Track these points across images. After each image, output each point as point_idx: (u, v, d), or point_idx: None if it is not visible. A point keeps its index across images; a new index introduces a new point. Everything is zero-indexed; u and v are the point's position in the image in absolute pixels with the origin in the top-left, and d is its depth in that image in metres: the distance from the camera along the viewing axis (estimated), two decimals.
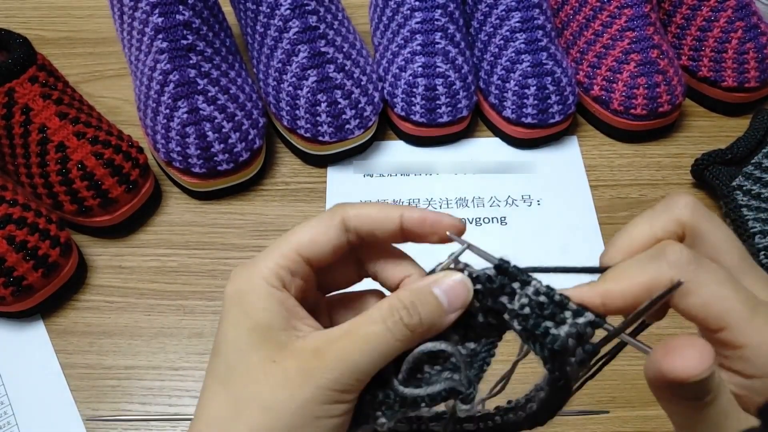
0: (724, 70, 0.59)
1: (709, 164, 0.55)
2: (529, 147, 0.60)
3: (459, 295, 0.24)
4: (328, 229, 0.26)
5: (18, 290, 0.47)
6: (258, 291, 0.25)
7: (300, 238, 0.26)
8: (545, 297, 0.23)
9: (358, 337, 0.23)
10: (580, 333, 0.23)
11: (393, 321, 0.23)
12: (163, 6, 0.51)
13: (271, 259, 0.25)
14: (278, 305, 0.25)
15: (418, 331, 0.24)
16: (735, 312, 0.22)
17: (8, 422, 0.46)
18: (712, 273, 0.23)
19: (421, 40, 0.56)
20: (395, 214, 0.26)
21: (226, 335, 0.25)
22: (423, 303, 0.24)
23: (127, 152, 0.52)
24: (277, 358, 0.24)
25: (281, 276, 0.25)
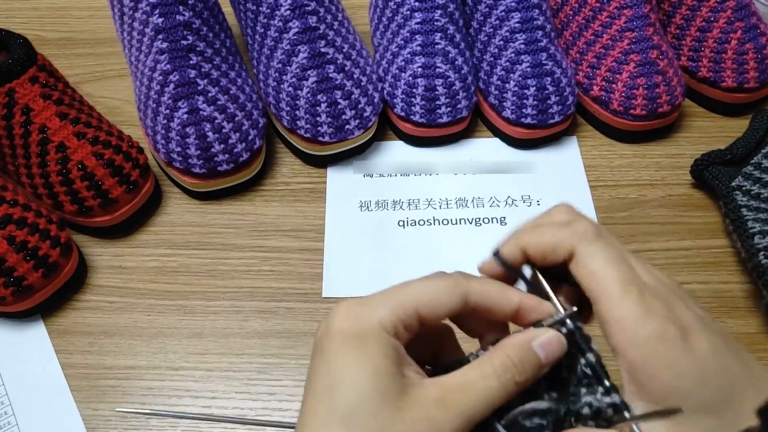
0: (724, 70, 0.59)
1: (708, 164, 0.55)
2: (529, 147, 0.60)
3: (555, 351, 0.26)
4: (450, 297, 0.27)
5: (18, 290, 0.47)
6: (377, 336, 0.25)
7: (421, 297, 0.26)
8: (590, 369, 0.26)
9: (476, 391, 0.25)
10: (599, 408, 0.25)
11: (507, 378, 0.25)
12: (164, 6, 0.51)
13: (389, 308, 0.26)
14: (394, 352, 0.25)
15: (523, 385, 0.26)
16: (608, 287, 0.26)
17: (8, 422, 0.46)
18: (604, 250, 0.27)
19: (421, 41, 0.56)
20: (515, 299, 0.28)
21: (345, 374, 0.25)
22: (528, 360, 0.26)
23: (128, 152, 0.52)
24: (401, 405, 0.24)
25: (396, 326, 0.26)
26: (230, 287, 0.52)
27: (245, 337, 0.49)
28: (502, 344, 0.26)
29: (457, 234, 0.55)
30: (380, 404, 0.24)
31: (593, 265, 0.26)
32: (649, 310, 0.25)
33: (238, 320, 0.50)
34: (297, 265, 0.53)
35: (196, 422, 0.45)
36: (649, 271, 0.28)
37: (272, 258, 0.53)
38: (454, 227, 0.55)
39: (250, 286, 0.52)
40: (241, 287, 0.52)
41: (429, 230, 0.55)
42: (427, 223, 0.56)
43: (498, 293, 0.28)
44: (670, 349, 0.24)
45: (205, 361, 0.48)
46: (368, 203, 0.57)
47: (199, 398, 0.47)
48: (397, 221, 0.56)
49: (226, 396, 0.47)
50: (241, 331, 0.50)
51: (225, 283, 0.52)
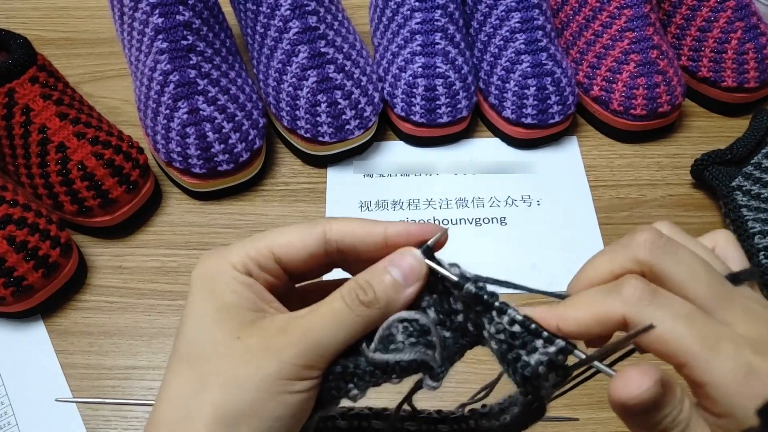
0: (724, 70, 0.59)
1: (708, 164, 0.55)
2: (529, 147, 0.60)
3: (413, 270, 0.25)
4: (306, 236, 0.26)
5: (18, 290, 0.47)
6: (226, 275, 0.25)
7: (276, 238, 0.26)
8: (519, 326, 0.24)
9: (319, 314, 0.24)
10: (551, 360, 0.23)
11: (351, 298, 0.24)
12: (164, 6, 0.51)
13: (242, 249, 0.26)
14: (245, 289, 0.25)
15: (375, 306, 0.24)
16: (690, 349, 0.22)
17: (8, 422, 0.46)
18: (665, 309, 0.23)
19: (421, 41, 0.56)
20: (379, 229, 0.26)
21: (191, 315, 0.25)
22: (377, 280, 0.25)
23: (128, 152, 0.52)
24: (242, 335, 0.24)
25: (249, 267, 0.25)
26: None
27: None
28: None
29: (458, 234, 0.55)
30: (220, 336, 0.24)
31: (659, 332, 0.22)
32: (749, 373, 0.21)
33: None
34: None
35: None
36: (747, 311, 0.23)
37: None
38: (455, 227, 0.55)
39: None
40: None
41: None
42: None
43: (358, 226, 0.26)
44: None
45: None
46: (368, 203, 0.57)
47: None
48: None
49: None
50: None
51: None
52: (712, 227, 0.54)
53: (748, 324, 0.23)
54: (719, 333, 0.22)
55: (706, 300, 0.23)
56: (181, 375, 0.25)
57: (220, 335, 0.24)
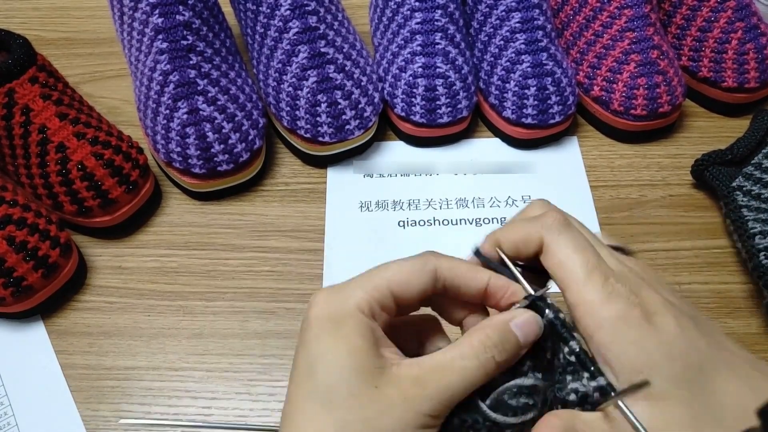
0: (724, 70, 0.59)
1: (709, 165, 0.55)
2: (529, 147, 0.60)
3: (532, 331, 0.27)
4: (421, 274, 0.27)
5: (18, 291, 0.47)
6: (354, 317, 0.26)
7: (394, 277, 0.27)
8: (575, 357, 0.26)
9: (454, 370, 0.25)
10: (585, 394, 0.25)
11: (486, 358, 0.26)
12: (163, 6, 0.51)
13: (365, 290, 0.27)
14: (371, 333, 0.26)
15: (503, 365, 0.26)
16: (574, 274, 0.26)
17: (8, 422, 0.46)
18: (570, 240, 0.27)
19: (421, 41, 0.56)
20: (484, 277, 0.28)
21: (323, 358, 0.25)
22: (507, 340, 0.26)
23: (127, 153, 0.52)
24: (379, 384, 0.25)
25: (373, 308, 0.26)
26: (230, 287, 0.52)
27: (245, 338, 0.49)
28: (482, 325, 0.27)
29: (458, 234, 0.55)
30: (357, 383, 0.25)
31: (560, 254, 0.27)
32: (612, 293, 0.25)
33: (238, 321, 0.50)
34: (297, 266, 0.53)
35: (196, 422, 0.45)
36: (618, 259, 0.28)
37: (272, 258, 0.53)
38: (455, 227, 0.55)
39: (250, 286, 0.52)
40: (241, 288, 0.52)
41: (429, 231, 0.55)
42: (427, 224, 0.56)
43: (466, 270, 0.28)
44: (633, 328, 0.25)
45: (204, 362, 0.48)
46: (368, 203, 0.57)
47: (198, 399, 0.46)
48: (397, 221, 0.56)
49: (226, 397, 0.47)
50: (241, 331, 0.50)
51: (225, 284, 0.52)
52: (713, 227, 0.55)
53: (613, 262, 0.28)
54: (596, 264, 0.26)
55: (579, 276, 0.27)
56: (320, 419, 0.25)
57: (357, 383, 0.25)
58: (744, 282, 0.51)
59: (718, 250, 0.53)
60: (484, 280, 0.28)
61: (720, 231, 0.55)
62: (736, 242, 0.50)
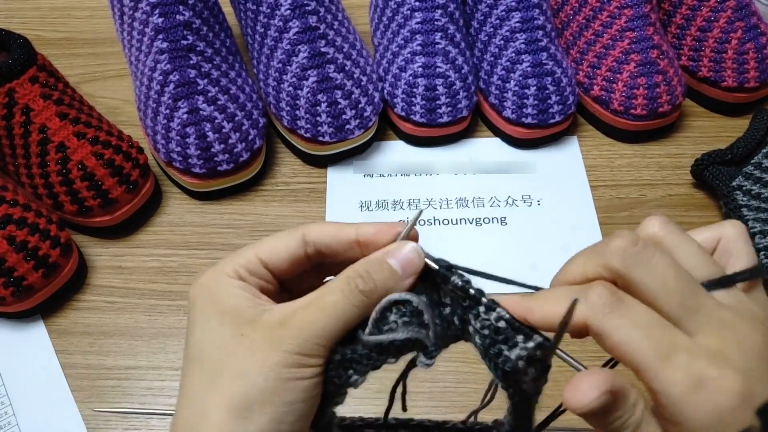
0: (724, 70, 0.59)
1: (709, 164, 0.55)
2: (529, 147, 0.60)
3: (411, 262, 0.26)
4: (288, 240, 0.28)
5: (18, 290, 0.47)
6: (221, 281, 0.27)
7: (261, 246, 0.28)
8: (504, 323, 0.24)
9: (317, 305, 0.26)
10: (530, 355, 0.24)
11: (349, 288, 0.26)
12: (164, 6, 0.51)
13: (232, 260, 0.28)
14: (241, 291, 0.27)
15: (373, 297, 0.26)
16: (644, 359, 0.22)
17: (8, 422, 0.46)
18: (625, 318, 0.23)
19: (421, 41, 0.56)
20: (350, 228, 0.28)
21: (196, 322, 0.27)
22: (377, 270, 0.26)
23: (127, 152, 0.52)
24: (246, 331, 0.25)
25: (240, 273, 0.27)
26: None
27: None
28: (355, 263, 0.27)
29: (458, 234, 0.55)
30: (225, 336, 0.26)
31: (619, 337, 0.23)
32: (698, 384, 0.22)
33: None
34: None
35: None
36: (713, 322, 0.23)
37: None
38: (455, 227, 0.55)
39: None
40: None
41: (429, 230, 0.55)
42: (427, 223, 0.56)
43: (333, 226, 0.28)
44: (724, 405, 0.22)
45: None
46: (368, 203, 0.57)
47: None
48: (397, 221, 0.56)
49: None
50: None
51: None
52: None
53: (712, 335, 0.23)
54: (676, 343, 0.23)
55: (672, 310, 0.24)
56: (193, 375, 0.26)
57: (226, 335, 0.26)
58: None
59: None
60: (352, 231, 0.28)
61: None
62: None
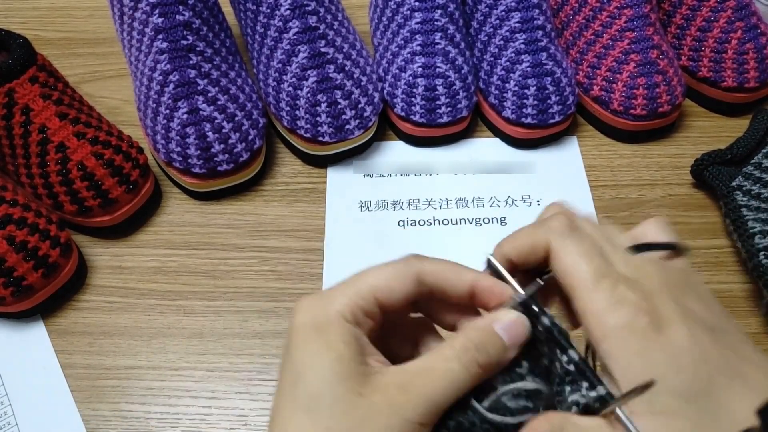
0: (724, 70, 0.59)
1: (708, 164, 0.55)
2: (529, 147, 0.60)
3: (518, 333, 0.26)
4: (404, 279, 0.27)
5: (18, 290, 0.47)
6: (337, 324, 0.25)
7: (377, 282, 0.27)
8: (573, 366, 0.25)
9: (438, 374, 0.25)
10: (586, 404, 0.24)
11: (468, 359, 0.25)
12: (163, 6, 0.51)
13: (348, 297, 0.26)
14: (355, 340, 0.25)
15: (487, 368, 0.26)
16: (581, 280, 0.25)
17: (8, 422, 0.46)
18: (577, 244, 0.26)
19: (421, 41, 0.56)
20: (468, 278, 0.27)
21: (307, 364, 0.25)
22: (492, 343, 0.26)
23: (127, 152, 0.52)
24: (363, 391, 0.24)
25: (356, 314, 0.26)
26: (230, 287, 0.52)
27: (245, 337, 0.49)
28: (464, 327, 0.27)
29: (458, 234, 0.55)
30: (341, 390, 0.24)
31: (566, 259, 0.26)
32: (620, 301, 0.25)
33: (238, 320, 0.50)
34: (297, 265, 0.53)
35: (195, 422, 0.45)
36: (632, 262, 0.27)
37: (272, 258, 0.53)
38: (455, 227, 0.55)
39: (250, 286, 0.52)
40: (241, 287, 0.52)
41: (429, 230, 0.55)
42: (427, 224, 0.56)
43: (450, 271, 0.27)
44: (639, 338, 0.24)
45: (205, 361, 0.48)
46: (368, 203, 0.57)
47: (199, 398, 0.47)
48: (397, 221, 0.56)
49: (226, 396, 0.47)
50: (241, 331, 0.50)
51: (225, 283, 0.52)
52: (713, 227, 0.55)
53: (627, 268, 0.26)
54: (605, 270, 0.26)
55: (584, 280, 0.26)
56: (304, 426, 0.24)
57: (342, 390, 0.24)
58: (744, 282, 0.51)
59: (718, 250, 0.53)
60: (469, 280, 0.27)
61: (720, 231, 0.55)
62: (736, 242, 0.50)
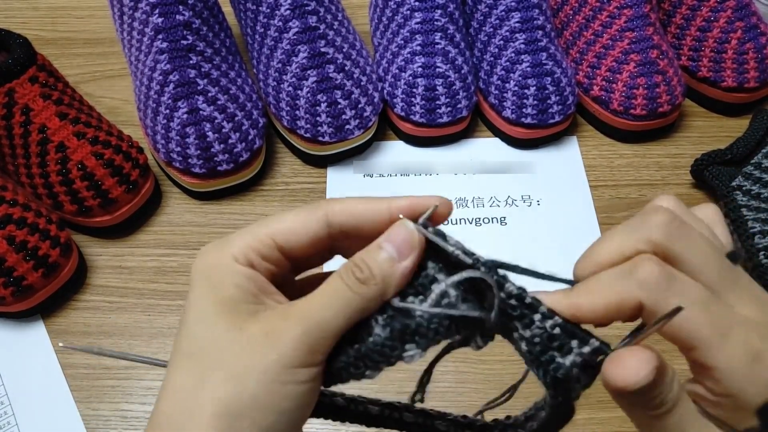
0: (724, 70, 0.59)
1: (708, 164, 0.55)
2: (529, 147, 0.60)
3: (404, 241, 0.24)
4: (308, 221, 0.25)
5: (18, 290, 0.47)
6: (227, 267, 0.24)
7: (277, 226, 0.25)
8: (559, 328, 0.23)
9: (318, 295, 0.24)
10: (585, 361, 0.23)
11: (347, 276, 0.24)
12: (163, 6, 0.51)
13: (243, 240, 0.25)
14: (247, 281, 0.24)
15: (371, 283, 0.24)
16: (703, 335, 0.22)
17: (8, 422, 0.46)
18: (681, 294, 0.22)
19: (421, 41, 0.56)
20: (383, 206, 0.25)
21: (192, 309, 0.25)
22: (372, 257, 0.24)
23: (127, 152, 0.52)
24: (245, 326, 0.23)
25: (250, 257, 0.25)
26: None
27: None
28: None
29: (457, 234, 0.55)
30: (221, 329, 0.23)
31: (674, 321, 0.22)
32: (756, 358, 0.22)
33: None
34: None
35: None
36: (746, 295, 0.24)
37: None
38: (454, 227, 0.55)
39: None
40: None
41: None
42: None
43: (362, 204, 0.25)
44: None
45: None
46: None
47: None
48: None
49: None
50: None
51: None
52: None
53: (753, 307, 0.23)
54: (730, 319, 0.23)
55: (715, 283, 0.23)
56: (182, 369, 0.24)
57: (222, 328, 0.23)
58: None
59: None
60: (384, 208, 0.25)
61: None
62: (736, 242, 0.50)
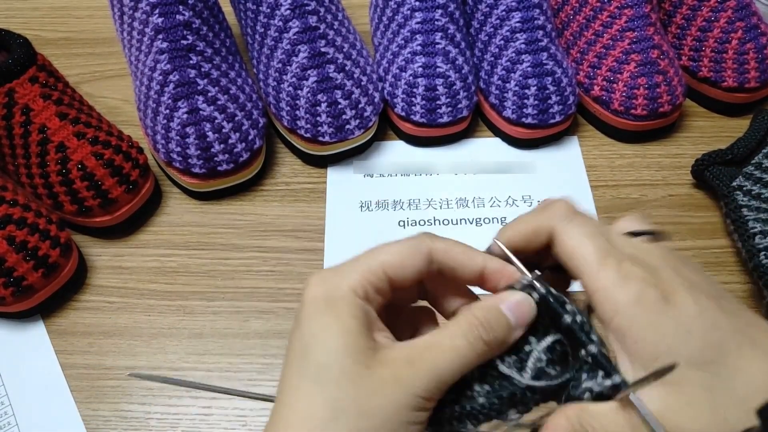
0: (725, 70, 0.59)
1: (709, 164, 0.55)
2: (530, 147, 0.60)
3: (524, 313, 0.27)
4: (415, 256, 0.27)
5: (18, 290, 0.47)
6: (347, 299, 0.26)
7: (388, 259, 0.27)
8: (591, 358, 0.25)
9: (444, 349, 0.25)
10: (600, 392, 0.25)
11: (473, 336, 0.26)
12: (163, 6, 0.51)
13: (359, 272, 0.27)
14: (363, 314, 0.26)
15: (492, 345, 0.26)
16: (586, 261, 0.26)
17: (8, 422, 0.46)
18: (580, 227, 0.27)
19: (422, 41, 0.56)
20: (479, 260, 0.28)
21: (317, 336, 0.25)
22: (498, 321, 0.26)
23: (127, 152, 0.52)
24: (371, 364, 0.25)
25: (366, 290, 0.26)
26: (230, 287, 0.52)
27: (245, 338, 0.49)
28: (471, 306, 0.27)
29: (458, 234, 0.54)
30: (349, 363, 0.25)
31: (571, 241, 0.27)
32: (626, 276, 0.25)
33: (238, 320, 0.50)
34: (297, 265, 0.53)
35: (195, 422, 0.45)
36: (633, 244, 0.28)
37: (272, 258, 0.53)
38: (455, 227, 0.55)
39: (250, 286, 0.52)
40: (241, 287, 0.52)
41: (429, 230, 0.55)
42: (427, 224, 0.56)
43: (462, 252, 0.28)
44: (649, 311, 0.24)
45: (205, 362, 0.48)
46: (368, 203, 0.57)
47: (199, 398, 0.46)
48: (397, 221, 0.56)
49: (226, 397, 0.46)
50: (241, 331, 0.50)
51: (225, 283, 0.52)
52: (713, 227, 0.55)
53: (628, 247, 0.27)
54: (609, 250, 0.26)
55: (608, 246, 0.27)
56: (312, 398, 0.25)
57: (349, 362, 0.25)
58: (744, 282, 0.51)
59: (718, 250, 0.53)
60: (480, 262, 0.28)
61: (720, 231, 0.54)
62: (736, 242, 0.50)
